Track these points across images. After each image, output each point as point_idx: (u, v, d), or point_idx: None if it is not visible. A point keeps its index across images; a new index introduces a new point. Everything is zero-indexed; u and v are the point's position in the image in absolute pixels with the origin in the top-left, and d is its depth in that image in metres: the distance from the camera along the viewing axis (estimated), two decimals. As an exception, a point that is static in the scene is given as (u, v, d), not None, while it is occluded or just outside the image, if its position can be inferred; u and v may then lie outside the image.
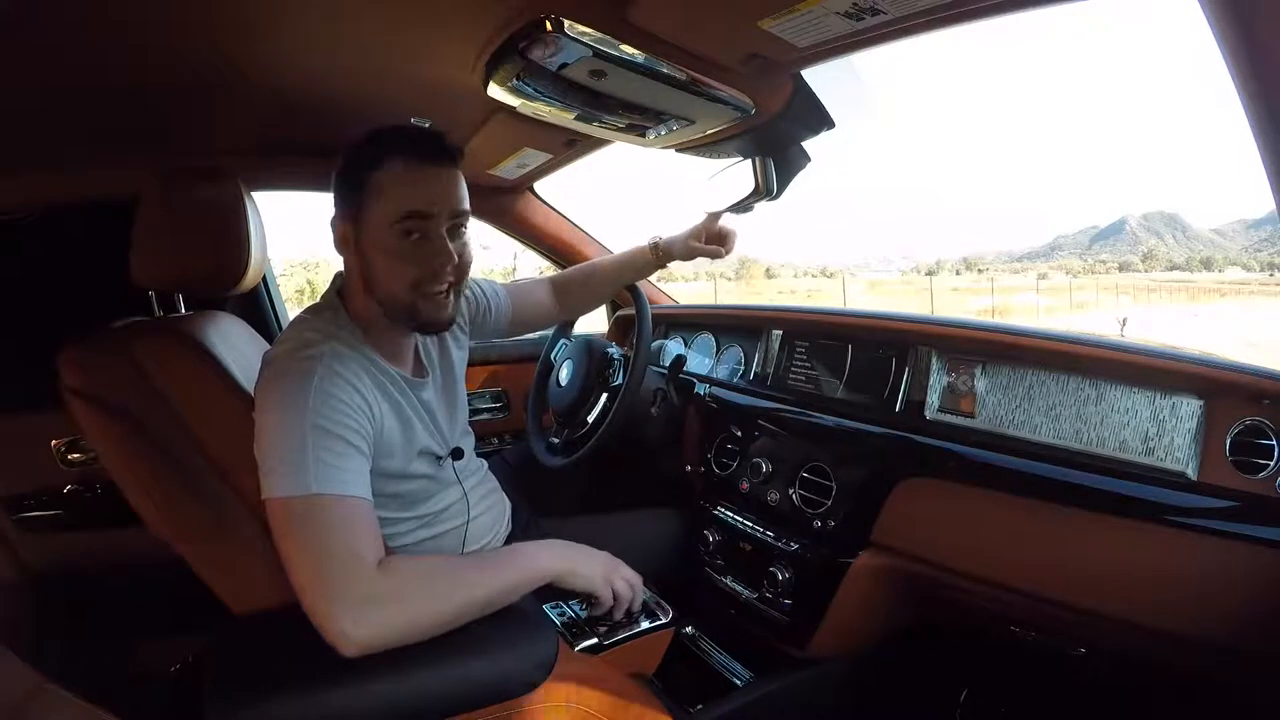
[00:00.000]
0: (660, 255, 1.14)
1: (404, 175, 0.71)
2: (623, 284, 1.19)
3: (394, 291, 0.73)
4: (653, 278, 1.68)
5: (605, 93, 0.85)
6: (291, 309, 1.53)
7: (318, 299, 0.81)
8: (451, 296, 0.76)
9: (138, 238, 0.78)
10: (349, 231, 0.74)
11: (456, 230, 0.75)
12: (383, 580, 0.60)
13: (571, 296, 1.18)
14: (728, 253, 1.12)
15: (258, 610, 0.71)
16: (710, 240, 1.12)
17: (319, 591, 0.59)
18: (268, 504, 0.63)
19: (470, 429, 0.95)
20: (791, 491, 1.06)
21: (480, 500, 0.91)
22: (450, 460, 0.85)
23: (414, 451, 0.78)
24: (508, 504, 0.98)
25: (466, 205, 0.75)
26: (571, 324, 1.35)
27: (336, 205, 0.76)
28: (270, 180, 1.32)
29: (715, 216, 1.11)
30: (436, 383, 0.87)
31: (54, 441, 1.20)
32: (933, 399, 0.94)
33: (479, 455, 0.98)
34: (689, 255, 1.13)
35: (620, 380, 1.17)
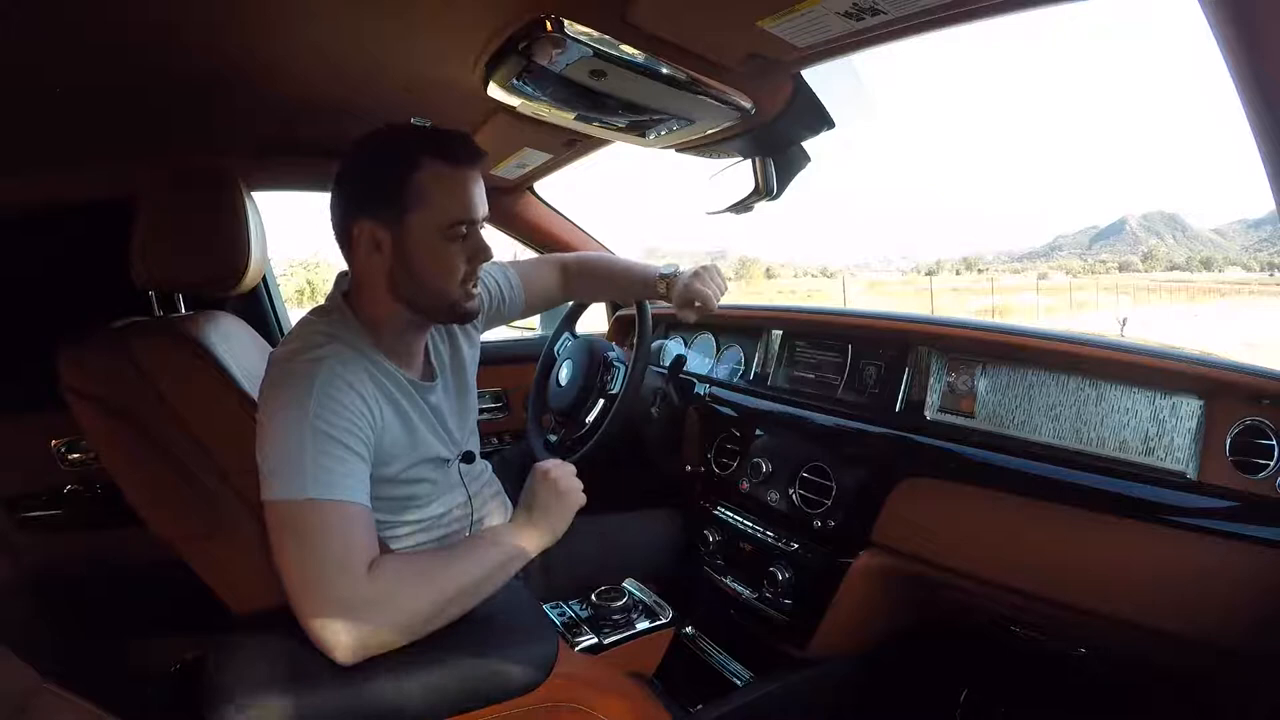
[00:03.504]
0: (667, 292, 1.08)
1: (445, 181, 0.72)
2: (629, 298, 1.18)
3: (445, 290, 0.75)
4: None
5: (605, 93, 0.85)
6: (291, 309, 1.53)
7: (318, 299, 0.80)
8: (478, 288, 0.79)
9: (138, 238, 0.78)
10: (382, 235, 0.72)
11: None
12: (372, 587, 0.60)
13: (579, 285, 1.16)
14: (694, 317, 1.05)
15: (258, 610, 0.71)
16: (699, 295, 1.03)
17: (310, 600, 0.58)
18: (265, 506, 0.63)
19: (477, 429, 0.94)
20: (791, 491, 1.06)
21: (484, 504, 0.90)
22: (458, 463, 0.85)
23: (417, 456, 0.77)
24: (510, 507, 0.98)
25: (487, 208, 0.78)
26: (575, 318, 1.35)
27: (357, 207, 0.72)
28: (270, 180, 1.32)
29: (694, 283, 1.03)
30: (447, 384, 0.86)
31: (54, 441, 1.20)
32: (933, 399, 0.94)
33: (481, 455, 0.98)
34: (677, 311, 1.07)
35: (618, 388, 1.17)
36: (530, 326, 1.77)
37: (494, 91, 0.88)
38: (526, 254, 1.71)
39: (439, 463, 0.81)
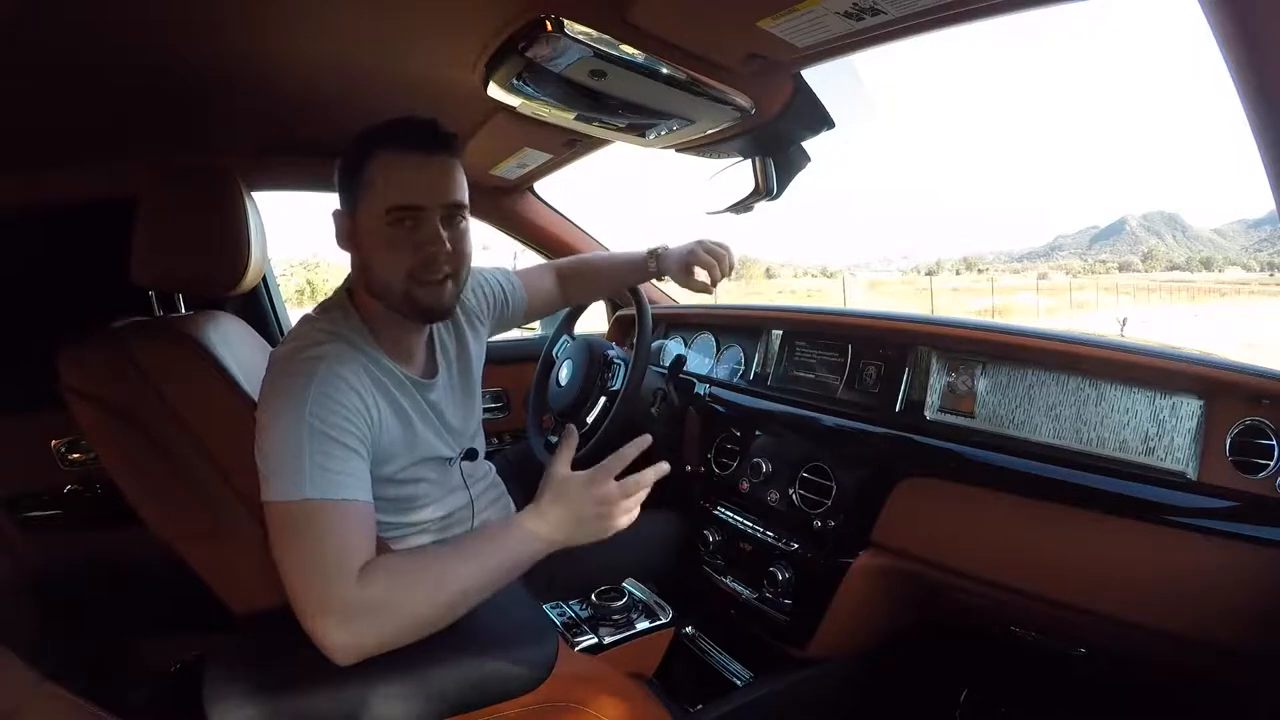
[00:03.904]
0: (657, 269, 1.11)
1: (395, 166, 0.70)
2: (622, 286, 1.19)
3: (390, 281, 0.72)
4: (653, 277, 1.68)
5: (605, 93, 0.85)
6: (291, 309, 1.53)
7: (318, 299, 0.80)
8: (449, 284, 0.74)
9: (137, 238, 0.78)
10: (347, 224, 0.74)
11: (452, 220, 0.73)
12: (367, 589, 0.58)
13: (574, 287, 1.17)
14: (716, 283, 1.06)
15: (258, 610, 0.71)
16: (703, 263, 1.05)
17: (307, 601, 0.58)
18: (265, 507, 0.62)
19: (482, 429, 0.93)
20: (791, 491, 1.06)
21: (487, 506, 0.90)
22: (460, 462, 0.84)
23: (416, 456, 0.77)
24: (513, 508, 0.97)
25: (460, 197, 0.73)
26: (574, 320, 1.35)
27: (341, 200, 0.75)
28: (270, 180, 1.32)
29: (699, 250, 1.04)
30: (452, 380, 0.86)
31: (54, 441, 1.20)
32: (933, 399, 0.94)
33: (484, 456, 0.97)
34: (680, 284, 1.10)
35: (619, 385, 1.17)
36: (530, 326, 1.77)
37: (494, 91, 0.88)
38: (526, 254, 1.71)
39: (439, 462, 0.80)
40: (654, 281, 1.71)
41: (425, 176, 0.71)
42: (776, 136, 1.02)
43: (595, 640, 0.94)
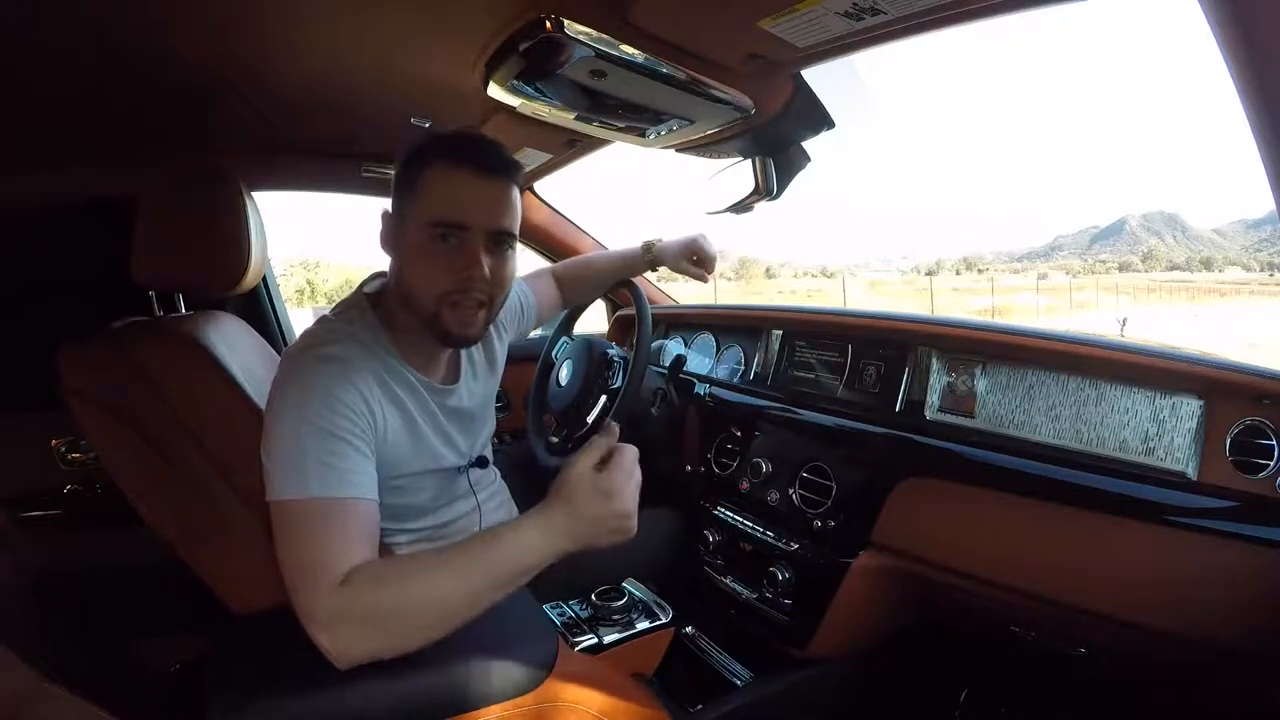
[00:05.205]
0: (653, 258, 1.15)
1: (448, 180, 0.70)
2: (620, 277, 1.20)
3: (421, 296, 0.71)
4: (654, 278, 1.69)
5: (605, 93, 0.85)
6: (291, 309, 1.53)
7: (318, 299, 0.80)
8: (481, 312, 0.73)
9: (138, 238, 0.78)
10: (393, 228, 0.74)
11: (496, 246, 0.72)
12: (359, 597, 0.56)
13: (571, 288, 1.19)
14: (708, 277, 1.16)
15: (258, 610, 0.71)
16: (697, 260, 1.13)
17: (303, 602, 0.57)
18: (270, 505, 0.62)
19: (490, 438, 0.93)
20: (791, 491, 1.06)
21: (493, 512, 0.90)
22: (469, 470, 0.84)
23: (420, 465, 0.76)
24: (516, 512, 0.97)
25: (508, 225, 0.72)
26: (573, 322, 1.36)
27: (392, 201, 0.75)
28: (270, 180, 1.32)
29: (704, 240, 1.14)
30: (474, 387, 0.86)
31: (54, 441, 1.20)
32: (933, 399, 0.94)
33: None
34: (677, 270, 1.15)
35: (619, 383, 1.17)
36: (530, 326, 1.77)
37: (494, 91, 0.88)
38: (525, 253, 1.71)
39: (446, 471, 0.80)
40: (654, 282, 1.72)
41: (476, 196, 0.70)
42: (776, 136, 1.02)
43: (595, 640, 0.94)
